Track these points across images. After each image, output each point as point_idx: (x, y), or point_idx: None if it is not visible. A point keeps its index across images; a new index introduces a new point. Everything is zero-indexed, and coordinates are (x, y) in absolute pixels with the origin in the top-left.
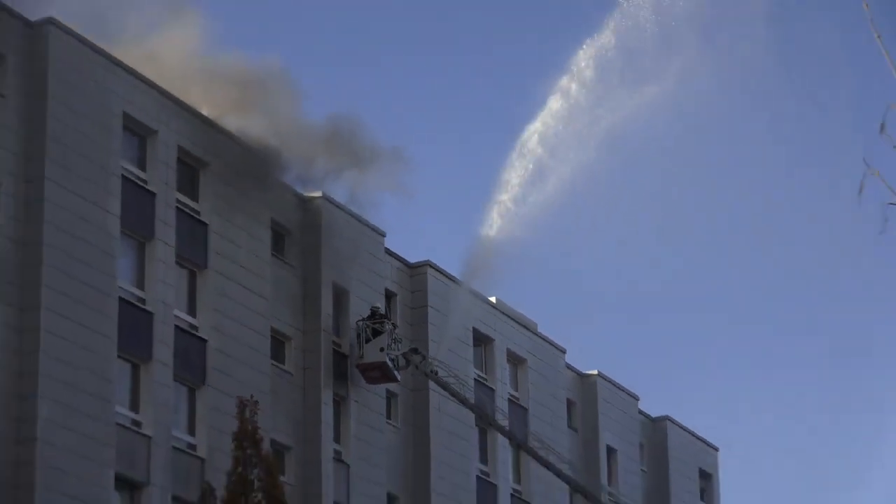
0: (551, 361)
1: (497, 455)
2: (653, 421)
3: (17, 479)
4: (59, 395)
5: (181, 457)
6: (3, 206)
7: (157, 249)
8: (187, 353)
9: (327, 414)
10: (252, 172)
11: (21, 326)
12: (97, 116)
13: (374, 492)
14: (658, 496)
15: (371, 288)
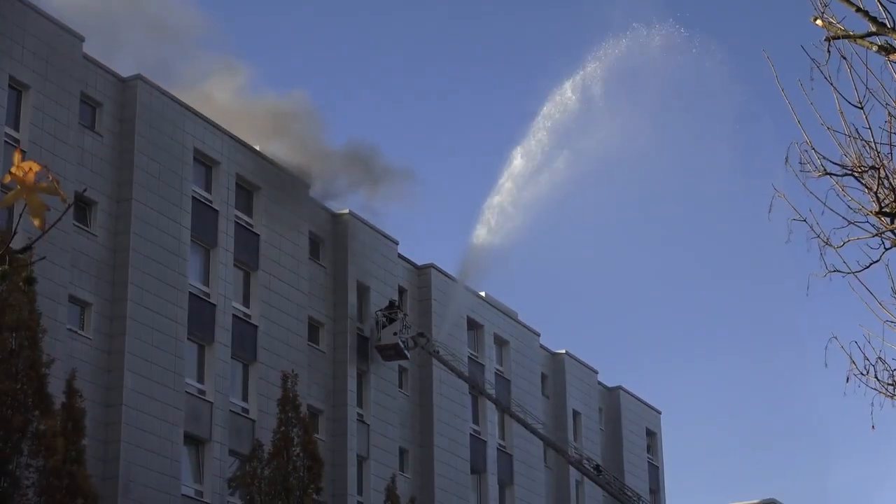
0: (528, 343)
1: (486, 417)
2: (609, 390)
3: (107, 435)
4: (140, 369)
5: (236, 419)
6: (100, 221)
7: (219, 255)
8: (242, 336)
9: (352, 384)
10: (293, 195)
11: (111, 315)
12: (173, 151)
13: (389, 446)
14: (613, 450)
15: (387, 285)
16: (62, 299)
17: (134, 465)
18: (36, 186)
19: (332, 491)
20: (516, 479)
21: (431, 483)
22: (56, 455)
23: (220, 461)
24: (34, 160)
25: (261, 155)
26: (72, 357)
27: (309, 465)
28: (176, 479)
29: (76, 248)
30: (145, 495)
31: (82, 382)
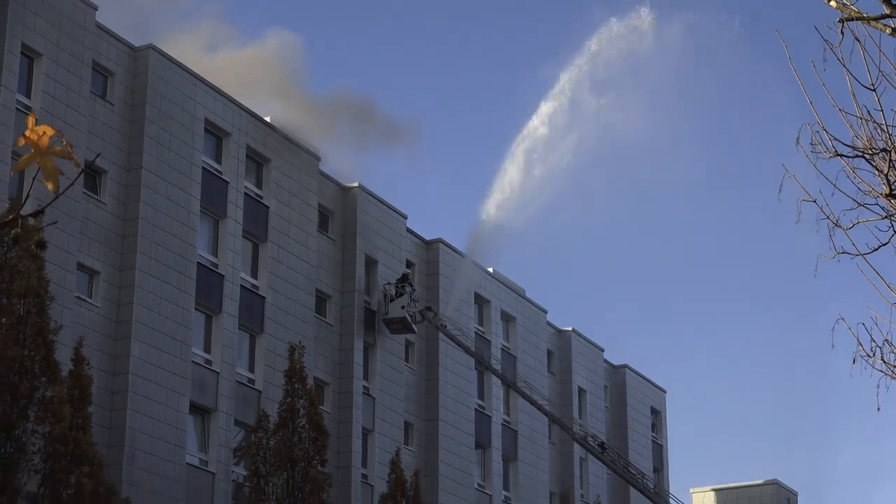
0: (535, 319)
1: (491, 392)
2: (614, 368)
3: (113, 404)
4: (147, 337)
5: (242, 389)
6: (109, 189)
7: (228, 225)
8: (250, 307)
9: (358, 357)
10: (301, 167)
11: (120, 283)
12: (184, 121)
13: (394, 419)
14: (618, 428)
15: (395, 259)
16: (71, 267)
17: (139, 434)
18: (49, 150)
19: (336, 463)
20: (520, 454)
21: (436, 457)
22: (62, 422)
23: (226, 431)
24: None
25: (272, 127)
26: (79, 325)
27: (314, 436)
28: (181, 447)
29: (85, 217)
30: (150, 463)
31: (89, 350)
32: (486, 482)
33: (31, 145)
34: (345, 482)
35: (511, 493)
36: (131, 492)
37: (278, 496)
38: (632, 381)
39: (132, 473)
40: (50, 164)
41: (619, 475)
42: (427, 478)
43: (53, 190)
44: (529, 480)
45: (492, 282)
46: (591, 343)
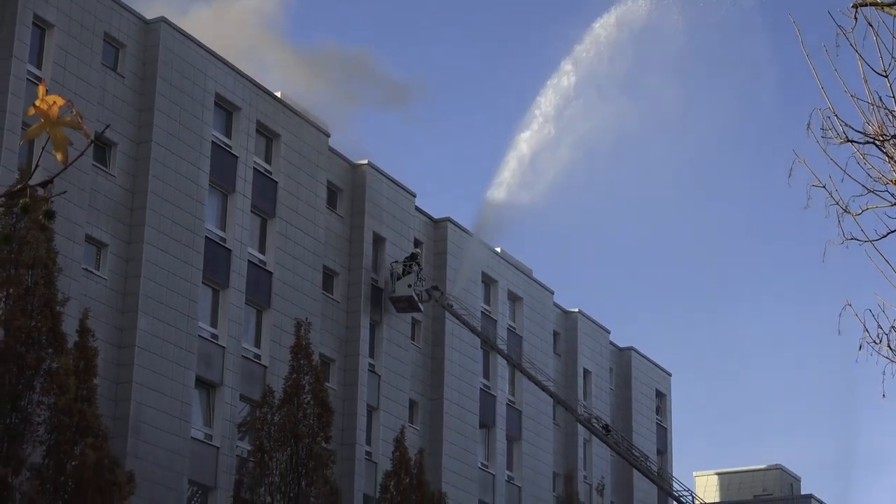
0: (542, 300)
1: (497, 372)
2: (620, 350)
3: (118, 376)
4: (154, 311)
5: (248, 364)
6: (119, 162)
7: (236, 200)
8: (257, 282)
9: (365, 334)
10: (311, 143)
11: (127, 256)
12: (194, 94)
13: (399, 397)
14: (622, 410)
15: (403, 237)
16: (79, 239)
17: (145, 407)
18: (59, 120)
19: (341, 440)
20: (524, 434)
21: (440, 435)
22: (67, 393)
23: (231, 406)
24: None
25: (282, 102)
26: (86, 297)
27: (319, 413)
28: (186, 421)
29: (94, 189)
30: (155, 437)
31: (96, 322)
32: (490, 462)
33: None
34: (349, 459)
35: (514, 473)
36: (135, 464)
37: (282, 472)
38: (637, 364)
39: (137, 446)
40: (59, 135)
41: (622, 457)
42: (431, 456)
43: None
44: (533, 461)
45: (499, 262)
46: (597, 324)
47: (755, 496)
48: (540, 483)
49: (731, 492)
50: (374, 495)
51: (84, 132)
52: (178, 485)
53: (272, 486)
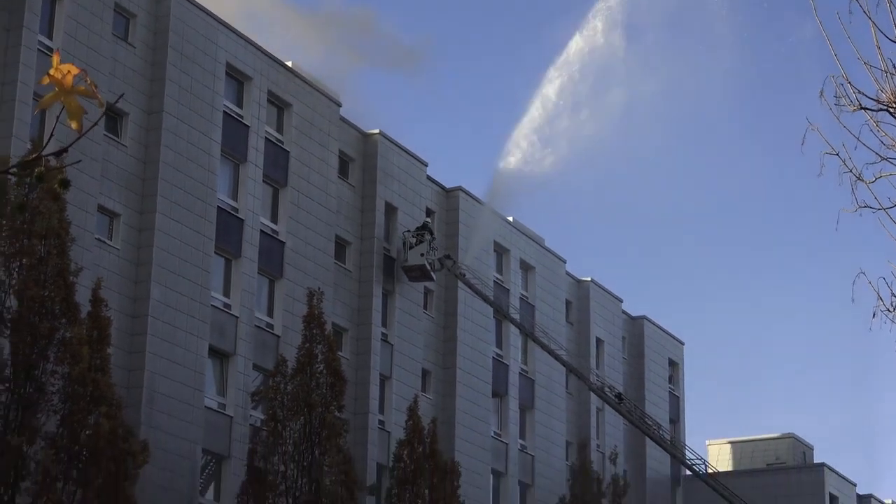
0: (554, 269)
1: (509, 341)
2: (633, 319)
3: (132, 346)
4: (167, 280)
5: (261, 334)
6: (130, 132)
7: (248, 170)
8: (269, 252)
9: (377, 304)
10: (322, 113)
11: (140, 226)
12: (206, 65)
13: (412, 367)
14: (635, 379)
15: (415, 206)
16: (91, 209)
17: (158, 376)
18: (73, 89)
19: (353, 409)
20: (537, 403)
21: (453, 405)
22: (81, 363)
23: (244, 375)
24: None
25: (293, 72)
26: (99, 267)
27: (332, 382)
28: (199, 391)
29: (106, 159)
30: (168, 406)
31: (109, 292)
32: (503, 431)
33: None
34: (361, 428)
35: (527, 442)
36: (149, 433)
37: (295, 441)
38: (650, 333)
39: (150, 415)
40: (74, 104)
41: (635, 426)
42: (444, 425)
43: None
44: (546, 430)
45: (511, 231)
46: (609, 293)
47: (768, 465)
48: (553, 452)
49: (743, 460)
50: (387, 464)
51: (98, 101)
52: (192, 454)
53: (285, 455)
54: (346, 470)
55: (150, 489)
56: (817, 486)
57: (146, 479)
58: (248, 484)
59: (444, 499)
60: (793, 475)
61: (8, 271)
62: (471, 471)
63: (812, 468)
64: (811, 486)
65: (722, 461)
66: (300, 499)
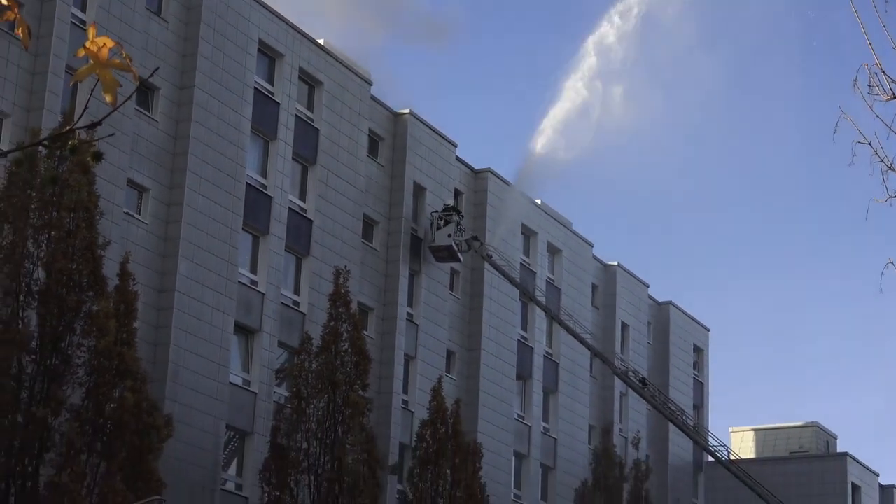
0: (581, 252)
1: (534, 324)
2: (659, 304)
3: (158, 320)
4: (194, 256)
5: (287, 311)
6: (161, 107)
7: (278, 147)
8: (297, 229)
9: (404, 284)
10: (353, 91)
11: (169, 201)
12: (238, 41)
13: (437, 347)
14: (660, 364)
15: (443, 186)
16: (120, 183)
17: (184, 351)
18: (109, 62)
19: (378, 388)
20: (561, 387)
21: (477, 386)
22: (108, 336)
23: (269, 352)
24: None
25: (325, 50)
26: (127, 241)
27: (356, 361)
28: (225, 367)
29: (137, 133)
30: (193, 381)
31: (137, 266)
32: (526, 413)
33: (90, 56)
34: (385, 407)
35: (550, 425)
36: (174, 408)
37: (319, 418)
38: (675, 318)
39: (175, 390)
40: (109, 77)
41: (658, 411)
42: (467, 407)
43: (111, 102)
44: (569, 413)
45: (539, 213)
46: (636, 278)
47: (791, 453)
48: (576, 435)
49: (766, 448)
50: (409, 444)
51: (133, 75)
52: (216, 429)
53: (308, 432)
54: (369, 449)
55: (173, 463)
56: (840, 475)
57: (169, 453)
58: (271, 460)
59: (466, 480)
60: (815, 464)
61: (37, 244)
62: (493, 452)
63: (835, 457)
64: (833, 476)
65: (745, 448)
66: (322, 476)
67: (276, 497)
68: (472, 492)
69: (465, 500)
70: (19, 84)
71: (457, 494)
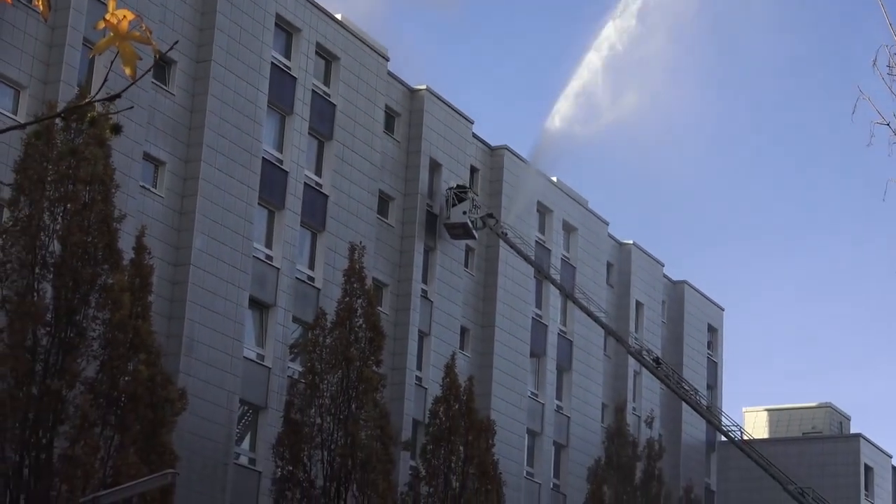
0: (597, 231)
1: (549, 302)
2: (673, 283)
3: (173, 294)
4: (209, 230)
5: (302, 286)
6: (178, 80)
7: (294, 122)
8: (312, 204)
9: (418, 260)
10: (370, 67)
11: (185, 175)
12: (255, 15)
13: (451, 324)
14: (674, 344)
15: (459, 163)
16: (137, 156)
17: (198, 325)
18: (129, 35)
19: (391, 364)
20: (574, 365)
21: (490, 363)
22: (122, 309)
23: (283, 327)
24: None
25: (342, 25)
26: (143, 214)
27: (370, 337)
28: (239, 341)
29: (153, 107)
30: (207, 355)
31: (152, 240)
32: (539, 391)
33: (110, 29)
34: (398, 384)
35: (563, 403)
36: (188, 382)
37: (332, 394)
38: (690, 298)
39: (189, 364)
40: (129, 49)
41: (672, 390)
42: (480, 384)
43: (131, 75)
44: (582, 391)
45: (555, 191)
46: (651, 257)
47: (804, 433)
48: (589, 413)
49: (779, 428)
50: (422, 420)
51: (153, 48)
52: (229, 403)
53: (322, 407)
54: (382, 425)
55: (186, 437)
56: (853, 456)
57: (183, 426)
58: (284, 435)
59: (479, 456)
60: (828, 445)
61: (52, 216)
62: (506, 430)
63: (848, 438)
64: (846, 457)
65: (758, 429)
66: (335, 452)
67: (288, 472)
68: (484, 469)
69: (478, 477)
70: (36, 56)
71: (469, 471)
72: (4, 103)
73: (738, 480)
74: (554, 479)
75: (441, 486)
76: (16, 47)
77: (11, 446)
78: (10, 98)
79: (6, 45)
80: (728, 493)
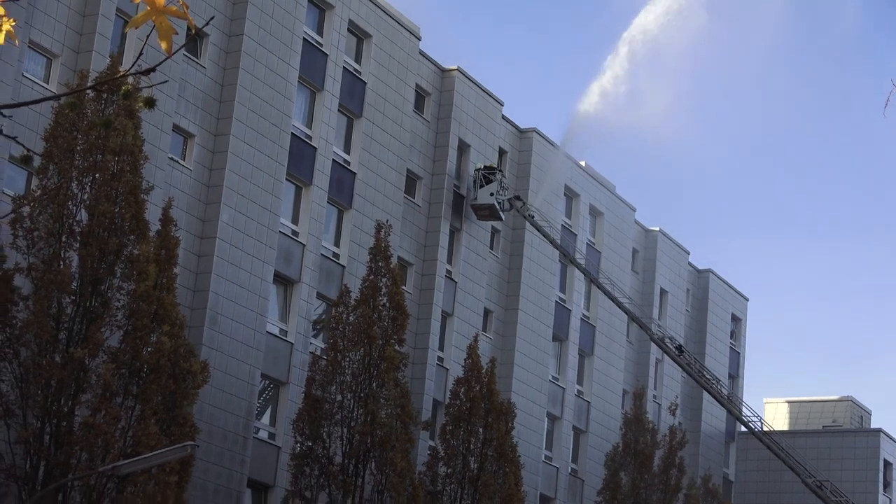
0: (623, 217)
1: (573, 286)
2: (698, 272)
3: (198, 267)
4: (236, 204)
5: (327, 263)
6: (210, 54)
7: (325, 99)
8: (340, 182)
9: (444, 240)
10: (402, 46)
11: (214, 148)
12: None
13: (474, 305)
14: (697, 332)
15: (488, 145)
16: (166, 128)
17: (222, 299)
18: (165, 9)
19: (414, 344)
20: (597, 350)
21: (512, 346)
22: (147, 280)
23: (307, 303)
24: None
25: (375, 3)
26: (171, 186)
27: (394, 315)
28: (262, 316)
29: (184, 79)
30: (231, 329)
31: (179, 212)
32: (561, 375)
33: (147, 3)
34: (420, 363)
35: (584, 388)
36: (210, 355)
37: (354, 371)
38: (715, 287)
39: (212, 337)
40: (165, 24)
41: (693, 379)
42: (502, 366)
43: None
44: (603, 376)
45: (583, 175)
46: (677, 245)
47: (824, 426)
48: (609, 399)
49: (800, 421)
50: (443, 400)
51: (189, 22)
52: (251, 377)
53: (343, 384)
54: (403, 404)
55: (207, 410)
56: (872, 450)
57: (204, 399)
58: (305, 411)
59: (498, 439)
60: (848, 438)
61: (81, 186)
62: (526, 413)
63: (868, 433)
64: (866, 451)
65: (778, 420)
66: (355, 429)
67: (308, 447)
68: (502, 451)
69: (496, 459)
70: (70, 25)
71: (488, 453)
72: (36, 71)
73: (756, 471)
74: (572, 464)
75: (459, 467)
76: (49, 16)
77: (33, 413)
78: (41, 66)
79: (40, 13)
80: (746, 484)
